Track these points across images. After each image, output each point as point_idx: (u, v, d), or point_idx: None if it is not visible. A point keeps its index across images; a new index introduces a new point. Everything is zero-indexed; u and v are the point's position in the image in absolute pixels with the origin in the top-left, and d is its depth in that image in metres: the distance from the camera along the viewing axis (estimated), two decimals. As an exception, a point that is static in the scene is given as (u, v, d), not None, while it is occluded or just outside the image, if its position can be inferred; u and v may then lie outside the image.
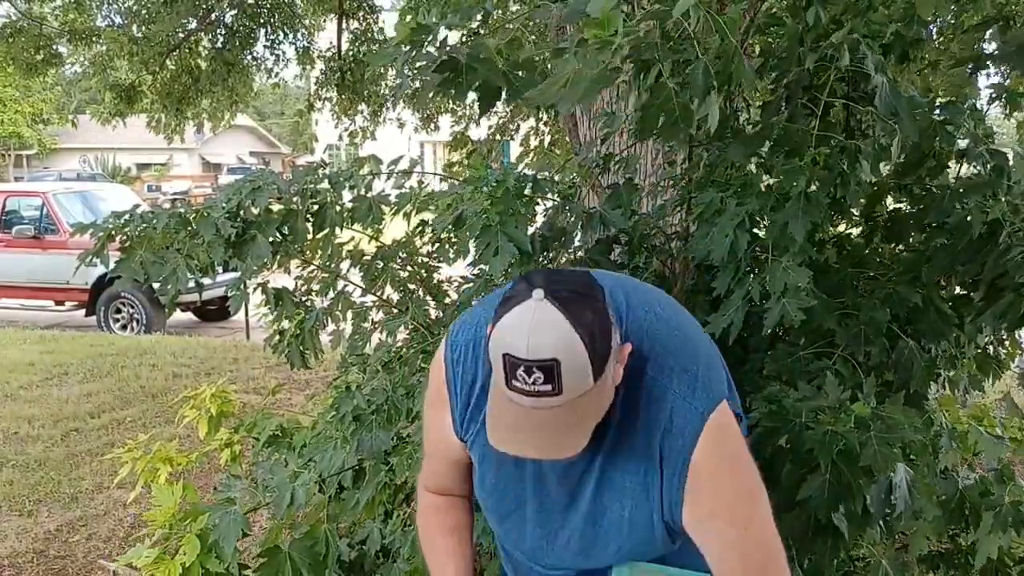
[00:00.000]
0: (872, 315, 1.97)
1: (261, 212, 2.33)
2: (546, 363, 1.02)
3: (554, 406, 1.04)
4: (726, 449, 1.20)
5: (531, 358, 1.02)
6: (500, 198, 2.02)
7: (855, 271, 2.13)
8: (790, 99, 2.05)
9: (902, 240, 2.22)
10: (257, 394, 5.88)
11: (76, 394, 6.08)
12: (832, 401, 1.74)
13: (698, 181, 2.23)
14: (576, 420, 1.08)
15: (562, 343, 1.02)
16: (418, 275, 2.95)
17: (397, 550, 2.43)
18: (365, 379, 2.58)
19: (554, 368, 1.02)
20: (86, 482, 4.36)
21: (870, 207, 2.25)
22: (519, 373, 1.03)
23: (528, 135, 7.35)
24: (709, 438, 1.16)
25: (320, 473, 2.23)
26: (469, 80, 1.79)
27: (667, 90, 1.60)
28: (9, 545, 3.61)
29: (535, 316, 1.03)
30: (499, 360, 1.05)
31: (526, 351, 1.02)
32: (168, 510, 1.94)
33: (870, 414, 1.69)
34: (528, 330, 1.03)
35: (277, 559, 2.11)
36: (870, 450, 1.63)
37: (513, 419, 1.08)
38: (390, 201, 2.58)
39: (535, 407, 1.05)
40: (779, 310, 1.83)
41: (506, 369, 1.04)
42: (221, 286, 8.61)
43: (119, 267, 2.43)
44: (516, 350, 1.03)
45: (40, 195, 10.03)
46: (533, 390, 1.03)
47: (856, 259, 2.20)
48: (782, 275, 1.83)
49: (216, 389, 3.05)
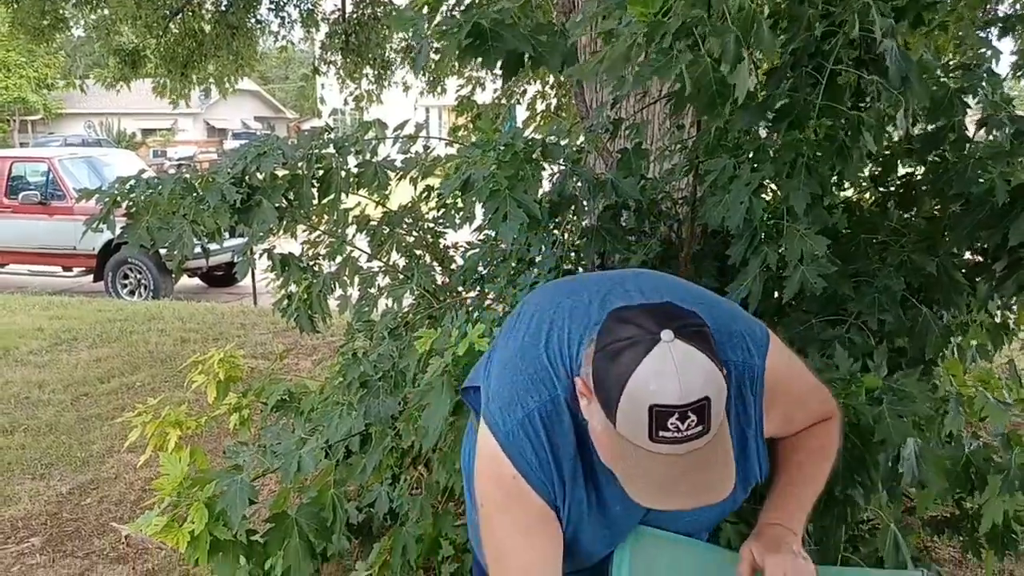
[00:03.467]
0: (887, 283, 1.95)
1: (266, 178, 2.32)
2: (699, 404, 0.96)
3: (705, 444, 0.99)
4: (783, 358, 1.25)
5: (684, 403, 0.96)
6: (508, 162, 2.00)
7: (867, 237, 2.11)
8: (795, 66, 2.01)
9: (917, 207, 2.20)
10: (265, 359, 5.90)
11: (85, 359, 6.12)
12: (843, 373, 1.73)
13: (707, 146, 2.20)
14: (723, 451, 1.03)
15: (710, 379, 0.98)
16: (424, 241, 2.95)
17: (405, 513, 2.46)
18: (371, 345, 2.59)
19: (706, 407, 0.97)
20: (97, 446, 4.40)
21: (884, 174, 2.23)
22: (671, 422, 0.96)
23: (535, 99, 7.28)
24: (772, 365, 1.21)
25: (327, 439, 2.25)
26: (495, 47, 1.76)
27: (705, 64, 1.57)
28: (23, 507, 3.66)
29: (676, 359, 0.97)
30: (643, 414, 0.97)
31: (678, 397, 0.95)
32: (175, 479, 1.95)
33: (882, 386, 1.68)
34: (675, 375, 0.96)
35: (285, 525, 2.13)
36: (884, 424, 1.62)
37: (664, 473, 1.00)
38: (396, 166, 2.57)
39: (689, 451, 0.98)
40: (799, 278, 1.82)
41: (653, 423, 0.96)
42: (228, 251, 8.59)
43: (126, 233, 2.43)
44: (665, 398, 0.95)
45: (45, 161, 10.00)
46: (684, 436, 0.97)
47: (868, 225, 2.18)
48: (799, 243, 1.81)
49: (224, 354, 3.06)
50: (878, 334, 1.98)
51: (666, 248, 2.44)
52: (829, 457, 1.36)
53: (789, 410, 1.28)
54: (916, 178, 2.21)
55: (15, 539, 3.39)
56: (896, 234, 2.14)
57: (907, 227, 2.19)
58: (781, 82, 1.98)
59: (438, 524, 2.48)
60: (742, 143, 2.04)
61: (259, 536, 2.20)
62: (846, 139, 1.86)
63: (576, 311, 1.20)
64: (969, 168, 1.95)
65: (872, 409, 1.63)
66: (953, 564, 2.91)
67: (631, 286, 1.24)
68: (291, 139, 2.56)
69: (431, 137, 2.80)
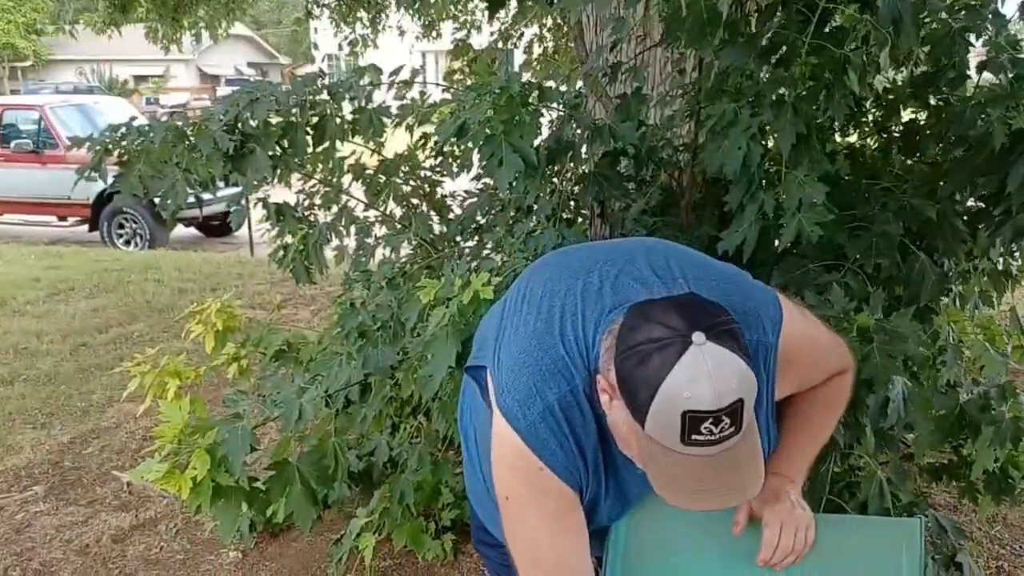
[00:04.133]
0: (885, 228, 1.93)
1: (260, 125, 2.28)
2: (733, 407, 0.95)
3: (737, 443, 0.98)
4: (796, 326, 1.23)
5: (718, 407, 0.94)
6: (504, 107, 1.96)
7: (869, 183, 2.08)
8: (787, 3, 1.96)
9: (919, 153, 2.16)
10: (262, 309, 5.90)
11: (83, 309, 6.11)
12: (837, 311, 1.73)
13: (708, 90, 2.16)
14: (753, 446, 1.02)
15: (744, 381, 0.96)
16: (421, 190, 2.91)
17: (404, 461, 2.48)
18: (369, 296, 2.57)
19: (739, 409, 0.96)
20: (97, 396, 4.42)
21: (886, 119, 2.19)
22: (704, 427, 0.95)
23: (532, 43, 7.15)
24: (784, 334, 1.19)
25: (327, 388, 2.25)
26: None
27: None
28: (25, 456, 3.69)
29: (708, 362, 0.94)
30: (675, 419, 0.95)
31: (712, 402, 0.94)
32: (176, 426, 1.95)
33: (874, 325, 1.68)
34: (709, 381, 0.94)
35: (286, 472, 2.14)
36: (872, 362, 1.62)
37: (697, 475, 0.99)
38: (391, 113, 2.52)
39: (721, 451, 0.97)
40: (795, 225, 1.80)
41: (686, 428, 0.95)
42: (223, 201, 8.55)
43: (118, 182, 2.40)
44: (700, 404, 0.94)
45: (37, 108, 9.86)
46: (717, 438, 0.96)
47: (871, 171, 2.15)
48: (797, 189, 1.79)
49: (221, 304, 3.05)
50: (875, 280, 1.96)
51: (667, 196, 2.41)
52: (837, 409, 1.36)
53: (804, 373, 1.27)
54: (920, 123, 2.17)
55: (18, 487, 3.43)
56: (899, 180, 2.11)
57: (909, 173, 2.16)
58: (772, 18, 1.94)
59: (437, 472, 2.51)
60: (743, 88, 2.00)
61: (261, 483, 2.22)
62: (830, 79, 1.82)
63: (588, 294, 1.16)
64: (968, 111, 1.91)
65: (862, 348, 1.63)
66: (949, 509, 2.95)
67: (641, 263, 1.19)
68: (284, 85, 2.50)
69: (428, 83, 2.75)
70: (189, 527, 3.09)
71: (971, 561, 1.95)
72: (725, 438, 0.96)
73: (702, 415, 0.94)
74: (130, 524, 3.12)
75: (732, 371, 0.95)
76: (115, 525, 3.11)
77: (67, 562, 2.90)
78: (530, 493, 1.15)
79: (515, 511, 1.18)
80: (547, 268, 1.28)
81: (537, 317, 1.18)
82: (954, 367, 2.11)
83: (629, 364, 0.99)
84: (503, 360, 1.18)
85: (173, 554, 2.94)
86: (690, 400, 0.94)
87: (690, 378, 0.94)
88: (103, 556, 2.93)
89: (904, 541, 1.26)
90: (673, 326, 0.97)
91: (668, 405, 0.95)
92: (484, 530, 1.49)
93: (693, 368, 0.94)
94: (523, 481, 1.15)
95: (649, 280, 1.16)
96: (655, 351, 0.96)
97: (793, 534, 1.23)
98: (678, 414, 0.94)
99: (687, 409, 0.94)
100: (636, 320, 1.02)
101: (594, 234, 2.60)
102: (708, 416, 0.94)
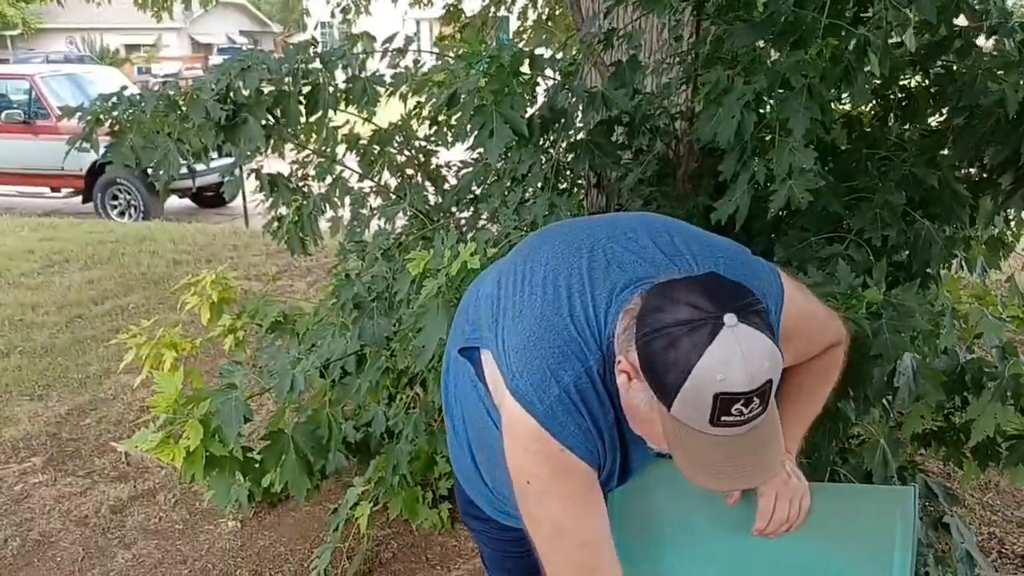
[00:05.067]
0: (887, 198, 1.91)
1: (252, 94, 2.25)
2: (763, 388, 0.95)
3: (762, 421, 0.98)
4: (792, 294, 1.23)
5: (751, 389, 0.94)
6: (495, 76, 1.93)
7: (868, 152, 2.07)
8: None
9: (919, 120, 2.14)
10: (258, 281, 5.89)
11: (78, 281, 6.10)
12: (844, 287, 1.72)
13: (705, 58, 2.13)
14: (775, 422, 1.02)
15: (774, 362, 0.96)
16: (416, 160, 2.89)
17: (400, 432, 2.48)
18: (364, 266, 2.57)
19: (768, 389, 0.96)
20: (93, 367, 4.42)
21: (884, 86, 2.16)
22: (735, 408, 0.95)
23: (526, 7, 7.05)
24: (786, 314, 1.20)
25: (322, 359, 2.25)
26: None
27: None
28: (22, 428, 3.70)
29: (741, 345, 0.94)
30: (705, 402, 0.95)
31: (745, 383, 0.94)
32: (170, 396, 1.96)
33: (882, 300, 1.67)
34: (742, 363, 0.93)
35: (281, 441, 2.15)
36: (882, 338, 1.61)
37: (724, 455, 0.99)
38: (384, 82, 2.50)
39: (749, 430, 0.97)
40: (785, 192, 1.78)
41: (716, 408, 0.95)
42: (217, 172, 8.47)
43: (109, 152, 2.38)
44: (733, 387, 0.93)
45: (27, 78, 9.73)
46: (747, 418, 0.96)
47: (869, 140, 2.13)
48: (788, 156, 1.77)
49: (216, 275, 3.04)
50: (880, 251, 1.95)
51: (663, 166, 2.40)
52: (831, 380, 1.36)
53: (800, 347, 1.27)
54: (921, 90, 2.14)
55: (16, 459, 3.44)
56: (898, 148, 2.09)
57: (908, 141, 2.14)
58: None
59: (433, 442, 2.51)
60: (739, 55, 1.98)
61: (255, 453, 2.23)
62: (851, 60, 1.79)
63: (594, 273, 1.14)
64: (979, 78, 1.89)
65: (871, 323, 1.62)
66: (942, 476, 2.98)
67: (644, 240, 1.18)
68: (276, 54, 2.47)
69: (422, 51, 2.72)
70: (187, 497, 3.11)
71: (959, 521, 1.96)
72: (753, 418, 0.96)
73: (735, 397, 0.94)
74: (128, 495, 3.14)
75: (764, 352, 0.95)
76: (113, 496, 3.13)
77: (66, 532, 2.92)
78: (553, 474, 1.14)
79: (536, 493, 1.17)
80: (544, 246, 1.26)
81: (543, 299, 1.16)
82: (952, 333, 2.10)
83: (656, 346, 0.98)
84: (509, 344, 1.16)
85: (172, 524, 2.96)
86: (723, 382, 0.93)
87: (724, 360, 0.93)
88: (102, 526, 2.95)
89: (898, 509, 1.27)
90: (702, 307, 0.96)
91: (700, 387, 0.94)
92: (471, 503, 1.49)
93: (727, 350, 0.94)
94: (544, 463, 1.13)
95: (655, 258, 1.15)
96: (685, 333, 0.95)
97: (788, 503, 1.24)
98: (710, 396, 0.94)
99: (720, 391, 0.94)
100: (659, 301, 1.01)
101: (590, 204, 2.59)
102: (740, 397, 0.94)
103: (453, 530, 2.82)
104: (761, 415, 0.97)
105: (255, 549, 2.80)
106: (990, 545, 2.82)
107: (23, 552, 2.81)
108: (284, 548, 2.79)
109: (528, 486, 1.16)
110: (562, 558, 1.19)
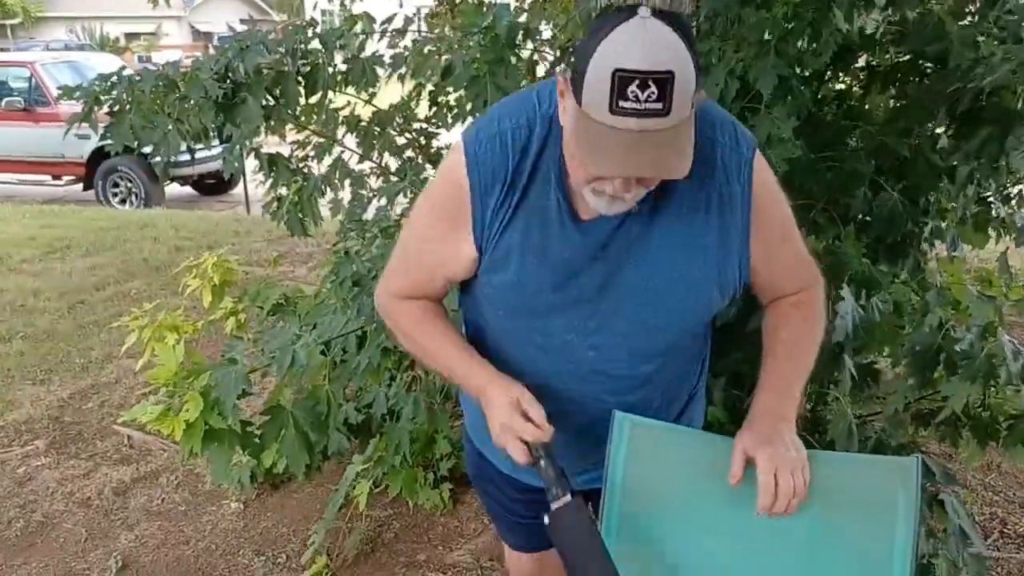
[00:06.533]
0: (855, 166, 1.92)
1: (250, 73, 2.25)
2: (662, 76, 0.96)
3: (662, 128, 0.99)
4: (771, 178, 1.27)
5: (648, 69, 0.96)
6: (490, 46, 1.93)
7: (850, 124, 2.06)
8: None
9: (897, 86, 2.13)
10: (259, 266, 5.89)
11: (80, 267, 6.10)
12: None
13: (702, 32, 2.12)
14: (683, 144, 1.03)
15: (679, 57, 0.97)
16: (416, 141, 2.88)
17: (400, 411, 2.49)
18: (364, 245, 2.57)
19: (668, 82, 0.97)
20: (95, 352, 4.43)
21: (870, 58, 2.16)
22: (631, 90, 0.97)
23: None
24: (760, 172, 1.23)
25: (321, 336, 2.25)
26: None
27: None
28: (25, 412, 3.71)
29: (647, 31, 0.97)
30: (606, 80, 0.97)
31: (640, 62, 0.96)
32: (170, 368, 1.96)
33: (821, 249, 1.70)
34: (642, 44, 0.96)
35: (280, 417, 2.16)
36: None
37: (617, 144, 1.01)
38: (384, 63, 2.49)
39: (644, 128, 0.99)
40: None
41: (614, 89, 0.97)
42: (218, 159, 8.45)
43: (109, 132, 2.37)
44: (629, 63, 0.96)
45: (27, 65, 9.71)
46: (643, 108, 0.97)
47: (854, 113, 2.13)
48: (768, 125, 1.78)
49: (218, 258, 3.04)
50: (846, 219, 1.96)
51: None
52: (815, 335, 1.36)
53: (772, 243, 1.27)
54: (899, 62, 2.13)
55: (19, 442, 3.45)
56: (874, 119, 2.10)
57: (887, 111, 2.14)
58: None
59: (434, 421, 2.52)
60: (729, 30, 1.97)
61: (255, 427, 2.23)
62: (814, 17, 1.79)
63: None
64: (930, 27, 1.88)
65: None
66: (945, 458, 2.98)
67: None
68: (275, 35, 2.46)
69: (421, 32, 2.71)
70: (190, 479, 3.12)
71: (954, 500, 1.96)
72: (648, 113, 0.98)
73: (629, 75, 0.97)
74: (131, 477, 3.15)
75: (668, 44, 0.98)
76: (116, 478, 3.14)
77: (69, 514, 2.93)
78: (438, 181, 1.28)
79: (418, 202, 1.32)
80: None
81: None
82: (937, 309, 2.09)
83: (581, 44, 1.04)
84: None
85: (174, 505, 2.97)
86: (619, 60, 0.97)
87: (624, 40, 0.97)
88: (105, 508, 2.96)
89: (900, 479, 1.26)
90: (627, 10, 1.00)
91: (601, 65, 0.98)
92: (481, 459, 1.50)
93: (629, 33, 0.97)
94: (440, 174, 1.27)
95: None
96: (604, 25, 1.00)
97: (790, 475, 1.22)
98: (609, 72, 0.97)
99: (616, 67, 0.97)
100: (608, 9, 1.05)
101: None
102: (636, 77, 0.96)
103: (455, 511, 2.83)
104: (659, 116, 0.98)
105: (258, 530, 2.81)
106: (992, 525, 2.82)
107: (27, 533, 2.82)
108: (287, 529, 2.80)
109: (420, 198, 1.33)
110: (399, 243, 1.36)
